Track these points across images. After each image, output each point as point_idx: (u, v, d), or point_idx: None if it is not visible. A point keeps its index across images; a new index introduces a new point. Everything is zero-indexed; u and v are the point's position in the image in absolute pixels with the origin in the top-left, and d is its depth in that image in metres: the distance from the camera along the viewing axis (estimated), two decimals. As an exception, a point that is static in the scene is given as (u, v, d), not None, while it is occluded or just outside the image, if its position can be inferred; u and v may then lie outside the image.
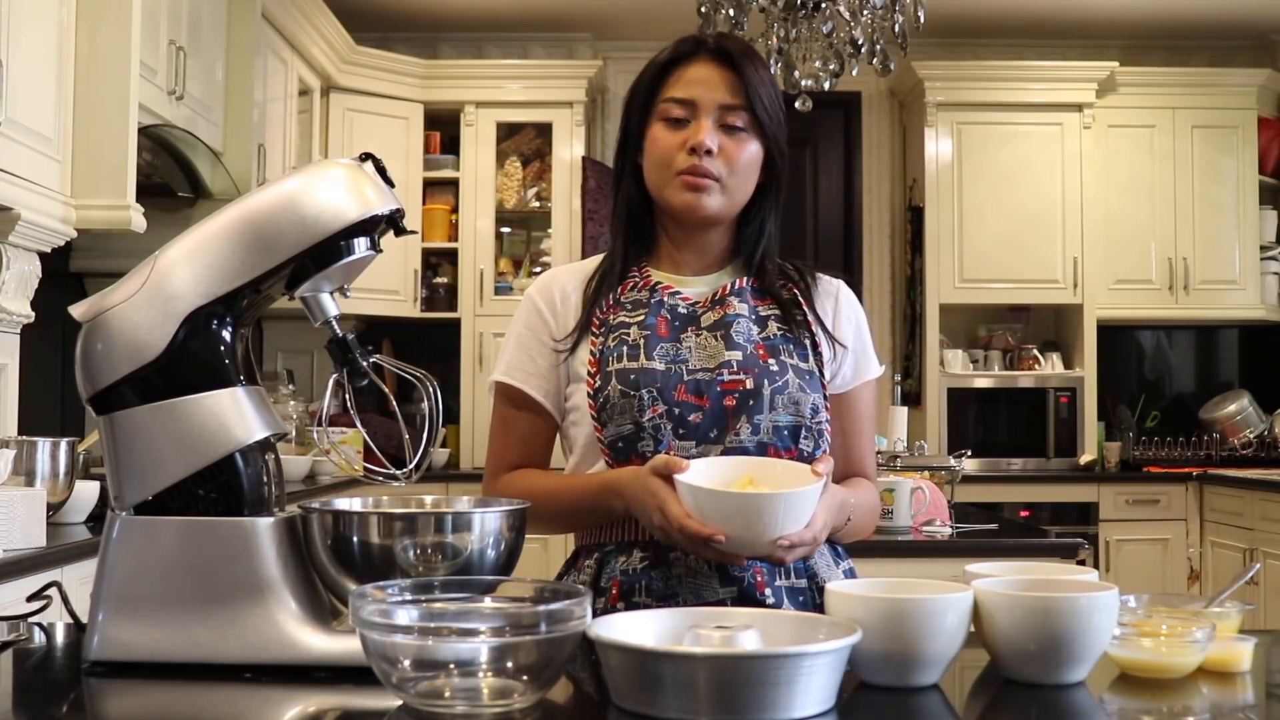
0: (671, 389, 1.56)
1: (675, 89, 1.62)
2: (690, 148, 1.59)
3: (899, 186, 6.22)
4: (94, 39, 3.11)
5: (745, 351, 1.59)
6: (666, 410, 1.55)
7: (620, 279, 1.66)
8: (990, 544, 3.07)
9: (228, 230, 1.29)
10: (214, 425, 1.28)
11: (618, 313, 1.63)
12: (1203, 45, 6.21)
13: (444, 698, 1.03)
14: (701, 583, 1.54)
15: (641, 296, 1.64)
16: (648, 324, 1.61)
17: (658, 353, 1.59)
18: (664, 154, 1.61)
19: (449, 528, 1.25)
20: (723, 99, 1.60)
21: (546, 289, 1.70)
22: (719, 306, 1.63)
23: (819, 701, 1.02)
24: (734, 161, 1.60)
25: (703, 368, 1.58)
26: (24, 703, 1.21)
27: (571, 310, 1.67)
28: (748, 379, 1.57)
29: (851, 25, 3.80)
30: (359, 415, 1.39)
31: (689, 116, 1.61)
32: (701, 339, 1.60)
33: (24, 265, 2.94)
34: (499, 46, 6.13)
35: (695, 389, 1.56)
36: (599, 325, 1.63)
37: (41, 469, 2.57)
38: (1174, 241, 5.86)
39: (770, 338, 1.62)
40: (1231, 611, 1.32)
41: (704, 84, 1.61)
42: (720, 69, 1.62)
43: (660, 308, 1.63)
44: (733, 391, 1.57)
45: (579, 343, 1.63)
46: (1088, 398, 5.78)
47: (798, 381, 1.59)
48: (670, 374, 1.57)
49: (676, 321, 1.62)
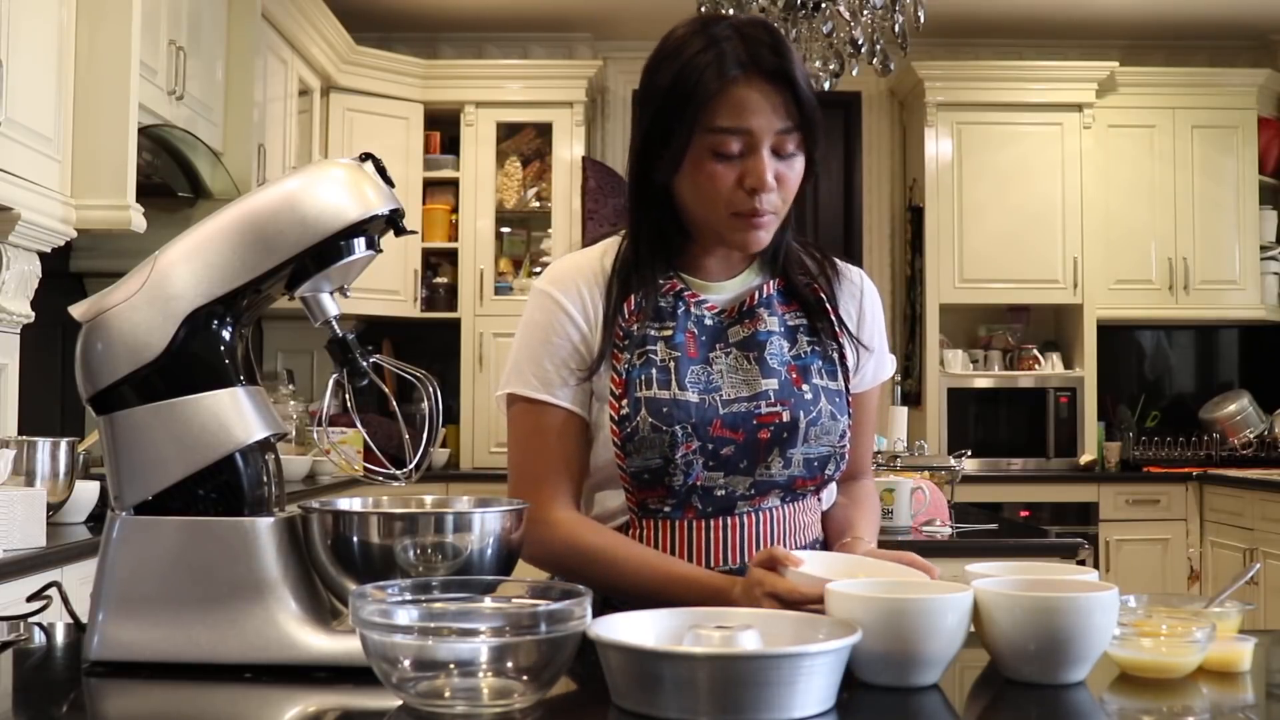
0: (707, 424, 1.49)
1: (727, 116, 1.45)
2: (750, 188, 1.47)
3: (899, 186, 6.22)
4: (94, 39, 3.11)
5: (780, 378, 1.53)
6: (700, 446, 1.49)
7: (644, 283, 1.55)
8: (990, 544, 3.07)
9: (228, 230, 1.29)
10: (214, 425, 1.28)
11: (642, 322, 1.53)
12: (1203, 45, 6.21)
13: (444, 698, 1.03)
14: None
15: (666, 304, 1.55)
16: (675, 342, 1.53)
17: (689, 379, 1.51)
18: (720, 192, 1.48)
19: (449, 528, 1.25)
20: (779, 124, 1.47)
21: (564, 284, 1.58)
22: (748, 320, 1.56)
23: (819, 701, 1.02)
24: (788, 187, 1.51)
25: (738, 397, 1.52)
26: (24, 703, 1.21)
27: (596, 309, 1.56)
28: (784, 411, 1.52)
29: (851, 25, 3.80)
30: (359, 415, 1.38)
31: (744, 147, 1.47)
32: (733, 360, 1.54)
33: (24, 265, 2.94)
34: (499, 46, 6.13)
35: (731, 423, 1.50)
36: (622, 336, 1.53)
37: (41, 469, 2.57)
38: (1174, 241, 5.86)
39: (801, 356, 1.56)
40: (1231, 611, 1.31)
41: (759, 111, 1.46)
42: (774, 89, 1.46)
43: (687, 319, 1.54)
44: (769, 425, 1.51)
45: (601, 362, 1.54)
46: (1088, 398, 5.78)
47: (830, 409, 1.55)
48: (705, 406, 1.50)
49: (704, 336, 1.55)
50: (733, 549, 1.54)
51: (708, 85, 1.45)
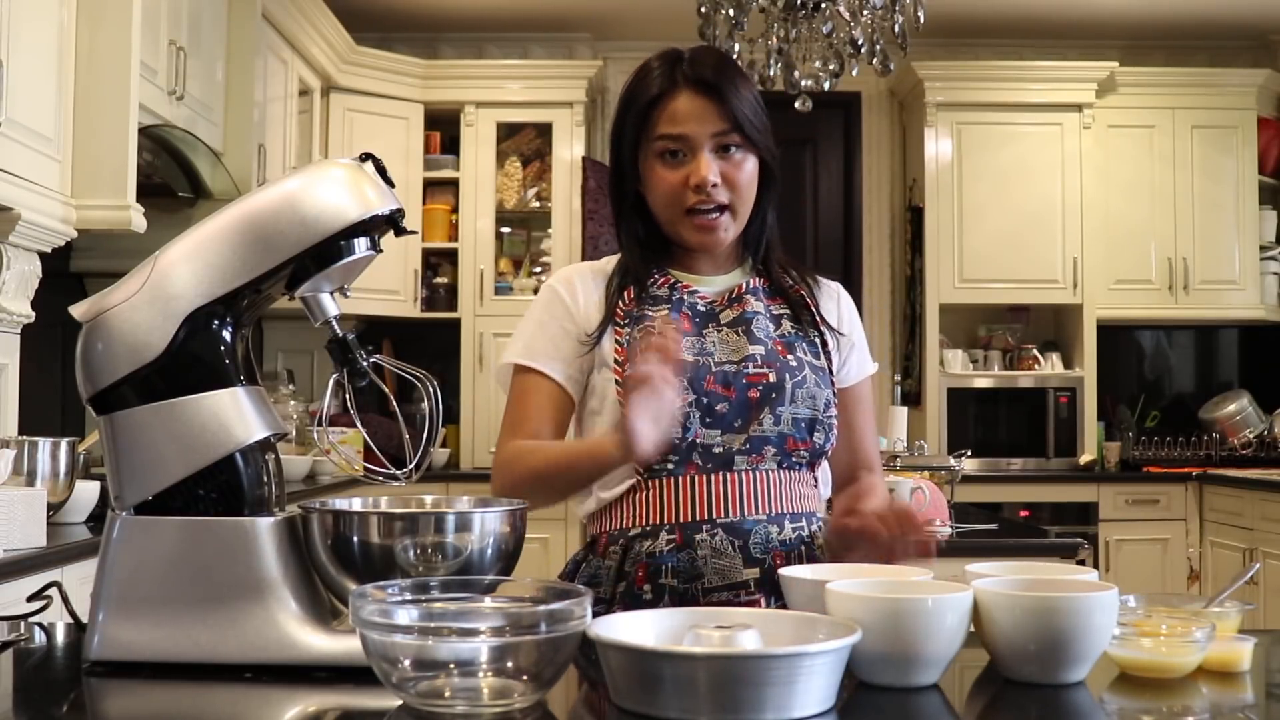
0: (701, 379, 1.63)
1: (665, 125, 1.66)
2: (695, 185, 1.65)
3: (899, 186, 6.22)
4: (94, 39, 3.11)
5: (766, 346, 1.68)
6: (695, 400, 1.62)
7: (639, 279, 1.72)
8: (990, 544, 3.07)
9: (228, 230, 1.30)
10: (214, 425, 1.28)
11: (641, 306, 1.70)
12: (1203, 45, 6.21)
13: (444, 698, 1.03)
14: (726, 563, 1.61)
15: (662, 293, 1.72)
16: (671, 319, 1.68)
17: (684, 345, 1.63)
18: (669, 193, 1.67)
19: (449, 528, 1.25)
20: (714, 128, 1.66)
21: (568, 280, 1.75)
22: (736, 304, 1.71)
23: (819, 701, 1.02)
24: (737, 184, 1.67)
25: (728, 360, 1.66)
26: (24, 703, 1.21)
27: (594, 303, 1.72)
28: (770, 372, 1.66)
29: (851, 25, 3.80)
30: (359, 415, 1.38)
31: (685, 151, 1.66)
32: (724, 334, 1.68)
33: (24, 265, 2.94)
34: (499, 46, 6.13)
35: (723, 380, 1.64)
36: (623, 316, 1.70)
37: (41, 469, 2.57)
38: (1174, 241, 5.86)
39: (786, 335, 1.71)
40: (1231, 611, 1.32)
41: (693, 118, 1.65)
42: (705, 98, 1.66)
43: (681, 305, 1.70)
44: (757, 384, 1.65)
45: (603, 332, 1.69)
46: (1087, 398, 5.78)
47: (814, 376, 1.69)
48: (699, 366, 1.64)
49: (697, 318, 1.70)
50: (733, 503, 1.63)
51: (649, 99, 1.68)
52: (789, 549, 1.64)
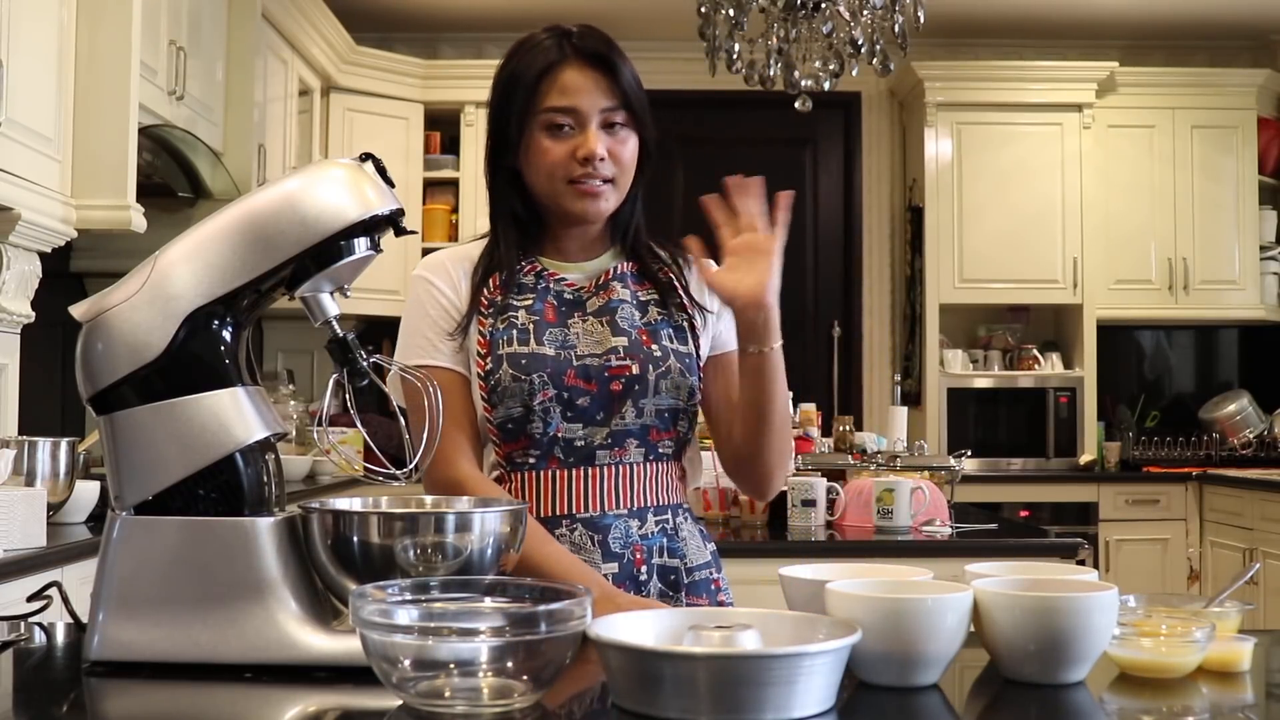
0: (562, 374, 1.63)
1: (555, 98, 1.65)
2: (583, 158, 1.64)
3: (899, 186, 6.22)
4: (94, 39, 3.11)
5: (630, 337, 1.67)
6: (556, 394, 1.62)
7: (506, 265, 1.69)
8: (990, 544, 3.07)
9: (228, 230, 1.29)
10: (214, 425, 1.28)
11: (505, 295, 1.68)
12: (1203, 45, 6.21)
13: (444, 698, 1.03)
14: (585, 558, 1.63)
15: (528, 281, 1.70)
16: (535, 309, 1.67)
17: (547, 338, 1.65)
18: (555, 164, 1.65)
19: (449, 528, 1.25)
20: (603, 103, 1.65)
21: (438, 266, 1.72)
22: (603, 292, 1.70)
23: (819, 701, 1.02)
24: (621, 161, 1.67)
25: (591, 353, 1.65)
26: (24, 703, 1.21)
27: (463, 291, 1.70)
28: (634, 364, 1.65)
29: (851, 25, 3.80)
30: (359, 415, 1.38)
31: (573, 124, 1.65)
32: (589, 325, 1.68)
33: (24, 265, 2.94)
34: (499, 46, 6.09)
35: (584, 374, 1.64)
36: (487, 305, 1.67)
37: (41, 469, 2.57)
38: (1174, 241, 5.86)
39: (651, 323, 1.70)
40: (1231, 611, 1.32)
41: (583, 91, 1.65)
42: (594, 71, 1.65)
43: (547, 294, 1.69)
44: (619, 377, 1.65)
45: (469, 323, 1.67)
46: (1087, 398, 5.78)
47: (679, 365, 1.68)
48: (560, 359, 1.64)
49: (563, 307, 1.69)
50: (593, 499, 1.65)
51: (537, 71, 1.65)
52: (650, 543, 1.67)
